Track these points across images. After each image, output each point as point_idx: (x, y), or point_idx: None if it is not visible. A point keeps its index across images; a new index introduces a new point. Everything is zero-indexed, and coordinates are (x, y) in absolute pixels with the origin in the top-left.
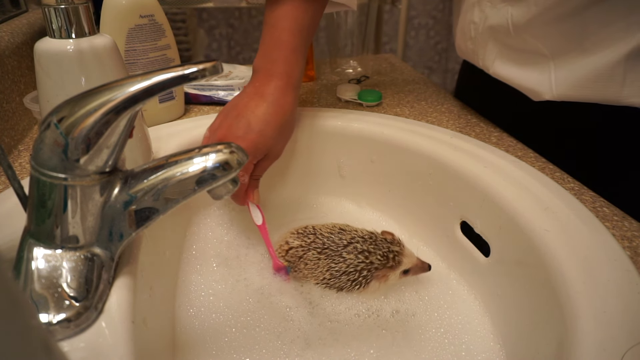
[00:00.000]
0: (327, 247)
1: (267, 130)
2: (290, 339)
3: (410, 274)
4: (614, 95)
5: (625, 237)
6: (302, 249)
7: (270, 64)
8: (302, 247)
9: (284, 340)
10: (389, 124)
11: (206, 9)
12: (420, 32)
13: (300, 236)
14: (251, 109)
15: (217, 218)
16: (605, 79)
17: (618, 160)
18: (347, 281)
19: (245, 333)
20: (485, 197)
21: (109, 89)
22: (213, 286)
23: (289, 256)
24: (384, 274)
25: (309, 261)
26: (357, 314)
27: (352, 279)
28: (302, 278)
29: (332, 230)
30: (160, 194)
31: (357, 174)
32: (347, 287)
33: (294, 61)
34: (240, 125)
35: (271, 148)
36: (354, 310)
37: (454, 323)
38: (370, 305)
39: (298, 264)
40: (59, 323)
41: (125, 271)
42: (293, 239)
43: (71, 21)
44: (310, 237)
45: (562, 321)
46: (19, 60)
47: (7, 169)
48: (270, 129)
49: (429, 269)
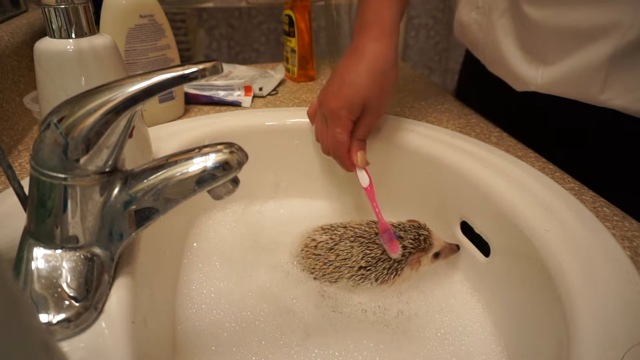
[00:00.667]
0: (360, 236)
1: (359, 81)
2: (290, 328)
3: (441, 257)
4: (592, 96)
5: (625, 237)
6: (333, 241)
7: (361, 19)
8: (332, 240)
9: (284, 331)
10: (389, 125)
11: (206, 9)
12: (420, 32)
13: (328, 232)
14: (345, 65)
15: (220, 218)
16: (587, 79)
17: (618, 161)
18: (383, 269)
19: (245, 327)
20: (485, 197)
21: (109, 89)
22: (215, 284)
23: (318, 249)
24: (417, 258)
25: (340, 252)
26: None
27: (388, 266)
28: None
29: (360, 223)
30: (160, 194)
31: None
32: (383, 276)
33: (385, 8)
34: (335, 83)
35: (368, 101)
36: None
37: (454, 323)
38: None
39: (328, 255)
40: (59, 323)
41: (125, 271)
42: (319, 235)
43: (71, 21)
44: (339, 230)
45: (562, 321)
46: (19, 60)
47: (7, 169)
48: (363, 79)
49: (457, 249)
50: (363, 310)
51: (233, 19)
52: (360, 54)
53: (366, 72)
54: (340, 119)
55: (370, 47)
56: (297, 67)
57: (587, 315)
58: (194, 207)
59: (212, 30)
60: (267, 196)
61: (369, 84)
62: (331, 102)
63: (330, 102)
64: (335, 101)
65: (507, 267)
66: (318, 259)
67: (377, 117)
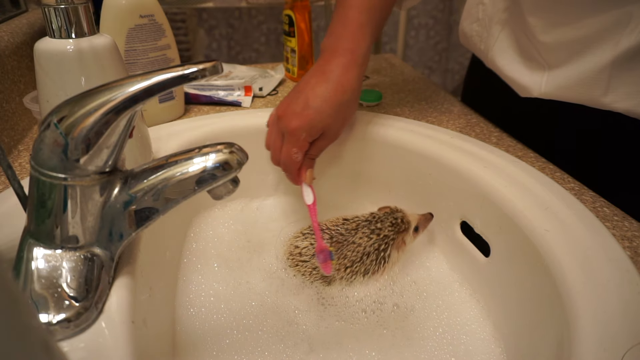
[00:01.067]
0: (337, 241)
1: (324, 108)
2: (293, 342)
3: (420, 230)
4: (595, 99)
5: (625, 237)
6: (313, 247)
7: (335, 41)
8: (312, 245)
9: (287, 343)
10: (389, 124)
11: (206, 9)
12: (420, 32)
13: (308, 236)
14: (311, 86)
15: (218, 218)
16: (590, 83)
17: (619, 162)
18: (370, 262)
19: (248, 336)
20: (485, 197)
21: (109, 89)
22: (214, 287)
23: (303, 256)
24: (400, 239)
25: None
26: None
27: (375, 257)
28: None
29: (336, 223)
30: (160, 194)
31: (356, 174)
32: (373, 267)
33: (360, 37)
34: (299, 102)
35: (328, 127)
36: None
37: (454, 323)
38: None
39: (314, 261)
40: (58, 323)
41: (125, 271)
42: (300, 241)
43: (71, 21)
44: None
45: (562, 321)
46: (19, 60)
47: (7, 169)
48: (328, 107)
49: (432, 217)
50: (363, 311)
51: (233, 19)
52: (329, 80)
53: (332, 100)
54: (299, 141)
55: (340, 76)
56: (297, 67)
57: (587, 315)
58: (193, 206)
59: (212, 30)
60: (266, 195)
61: (333, 112)
62: (293, 121)
63: (291, 121)
64: (297, 121)
65: (507, 267)
66: (306, 266)
67: (332, 140)
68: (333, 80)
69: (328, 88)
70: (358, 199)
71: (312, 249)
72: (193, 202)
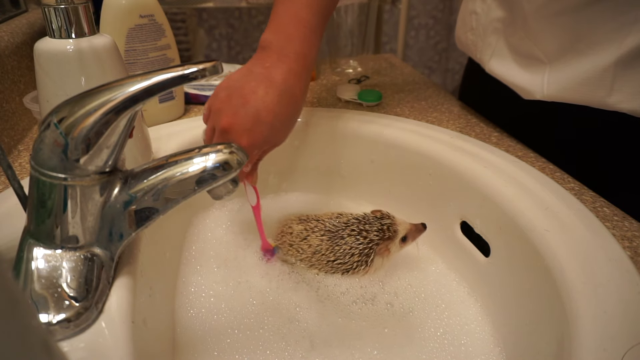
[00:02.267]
0: (329, 230)
1: (276, 123)
2: (295, 339)
3: (409, 240)
4: (599, 100)
5: (625, 237)
6: (306, 232)
7: (284, 42)
8: (306, 230)
9: (289, 341)
10: (389, 124)
11: (206, 9)
12: (420, 32)
13: (303, 222)
14: (260, 97)
15: (217, 219)
16: (593, 83)
17: (619, 162)
18: (352, 263)
19: (249, 335)
20: (485, 197)
21: (109, 89)
22: (214, 287)
23: (293, 237)
24: (385, 246)
25: (311, 244)
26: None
27: (357, 259)
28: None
29: (331, 216)
30: (160, 194)
31: (357, 173)
32: (353, 268)
33: (313, 42)
34: (248, 115)
35: (279, 140)
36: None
37: (453, 323)
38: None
39: (301, 245)
40: (58, 323)
41: (125, 271)
42: (295, 224)
43: (71, 21)
44: (312, 222)
45: (562, 321)
46: (19, 60)
47: (7, 169)
48: (280, 122)
49: (424, 229)
50: (365, 307)
51: (233, 19)
52: (280, 90)
53: (285, 114)
54: (251, 155)
55: (293, 86)
56: None
57: (587, 315)
58: (193, 206)
59: (212, 30)
60: (265, 193)
61: (285, 127)
62: (243, 138)
63: (242, 138)
64: (248, 139)
65: (507, 267)
66: (292, 246)
67: (276, 147)
68: (285, 92)
69: (281, 101)
70: (357, 198)
71: (304, 233)
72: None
